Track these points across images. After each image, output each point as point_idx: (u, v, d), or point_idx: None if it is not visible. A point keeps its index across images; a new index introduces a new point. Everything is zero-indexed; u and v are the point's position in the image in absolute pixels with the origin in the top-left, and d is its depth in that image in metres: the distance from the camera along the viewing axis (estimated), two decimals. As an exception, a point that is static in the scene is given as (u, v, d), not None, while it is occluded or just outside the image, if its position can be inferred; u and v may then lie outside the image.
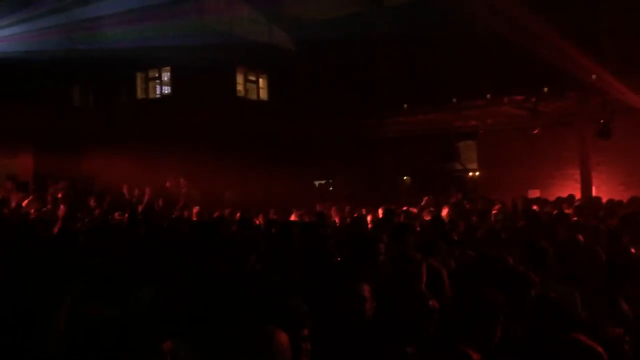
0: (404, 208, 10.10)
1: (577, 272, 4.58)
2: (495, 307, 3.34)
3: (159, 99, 18.01)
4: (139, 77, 18.35)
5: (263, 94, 19.46)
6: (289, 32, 18.24)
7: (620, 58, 12.60)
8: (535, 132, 14.27)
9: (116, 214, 9.42)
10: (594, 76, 12.56)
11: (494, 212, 9.47)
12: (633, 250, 5.71)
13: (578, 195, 12.90)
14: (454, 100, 14.30)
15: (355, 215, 9.69)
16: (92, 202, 10.68)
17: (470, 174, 18.41)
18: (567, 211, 9.25)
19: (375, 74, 17.24)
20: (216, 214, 9.83)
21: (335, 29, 15.75)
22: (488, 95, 14.09)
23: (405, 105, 15.21)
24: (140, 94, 18.36)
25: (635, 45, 12.61)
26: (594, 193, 13.32)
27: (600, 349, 2.57)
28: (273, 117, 16.47)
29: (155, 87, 18.41)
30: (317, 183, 18.05)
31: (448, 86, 14.51)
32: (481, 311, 3.41)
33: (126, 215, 9.00)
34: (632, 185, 13.87)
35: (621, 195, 12.20)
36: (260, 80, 19.40)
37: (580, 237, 5.89)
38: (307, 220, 9.00)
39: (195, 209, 10.19)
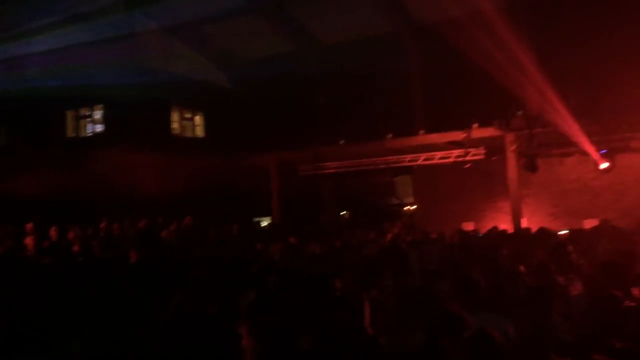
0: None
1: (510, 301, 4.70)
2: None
3: (90, 138, 17.56)
4: (69, 115, 17.88)
5: (199, 131, 19.31)
6: (225, 70, 18.28)
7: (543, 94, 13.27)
8: (467, 166, 14.77)
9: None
10: (519, 112, 13.22)
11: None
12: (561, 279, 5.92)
13: (509, 227, 13.36)
14: (389, 136, 14.67)
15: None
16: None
17: (407, 208, 18.76)
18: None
19: (312, 111, 17.48)
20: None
21: (272, 67, 15.94)
22: (421, 131, 14.54)
23: (341, 142, 15.47)
24: (70, 133, 17.84)
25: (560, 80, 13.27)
26: (524, 224, 13.81)
27: None
28: (210, 154, 16.34)
29: (86, 126, 17.96)
30: (256, 220, 17.87)
31: (383, 122, 14.87)
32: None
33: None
34: (559, 215, 14.51)
35: (550, 225, 12.73)
36: (196, 117, 19.27)
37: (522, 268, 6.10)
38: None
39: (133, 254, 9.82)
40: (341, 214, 19.40)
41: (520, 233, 11.63)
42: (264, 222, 17.96)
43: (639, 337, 3.79)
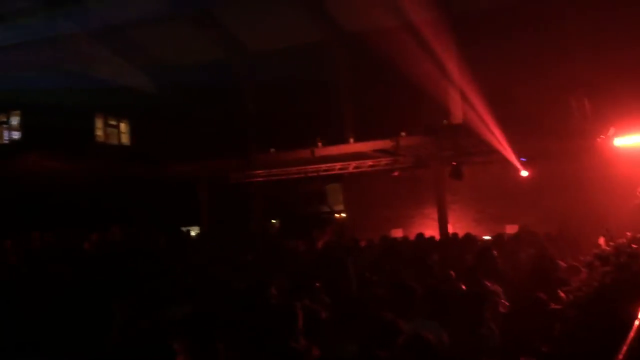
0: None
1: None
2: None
3: (7, 145, 16.65)
4: (-17, 121, 16.91)
5: (125, 139, 18.72)
6: (152, 77, 17.81)
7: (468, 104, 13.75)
8: (395, 174, 15.08)
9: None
10: (445, 121, 13.65)
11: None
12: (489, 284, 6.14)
13: (436, 233, 13.72)
14: (319, 144, 14.74)
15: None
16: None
17: (337, 215, 18.92)
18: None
19: (242, 119, 17.33)
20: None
21: (201, 74, 15.68)
22: (351, 140, 14.72)
23: (272, 150, 15.41)
24: (-17, 139, 16.88)
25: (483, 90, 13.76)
26: (450, 230, 14.22)
27: None
28: (135, 162, 15.87)
29: (2, 132, 17.02)
30: (184, 229, 17.48)
31: (313, 131, 14.92)
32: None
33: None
34: (483, 221, 15.06)
35: (474, 230, 13.18)
36: (122, 124, 18.67)
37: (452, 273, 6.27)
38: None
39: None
40: (272, 222, 19.32)
41: (448, 239, 11.97)
42: (193, 232, 17.63)
43: (565, 339, 3.96)
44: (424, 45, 13.85)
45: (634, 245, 4.69)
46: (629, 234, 7.53)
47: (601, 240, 8.81)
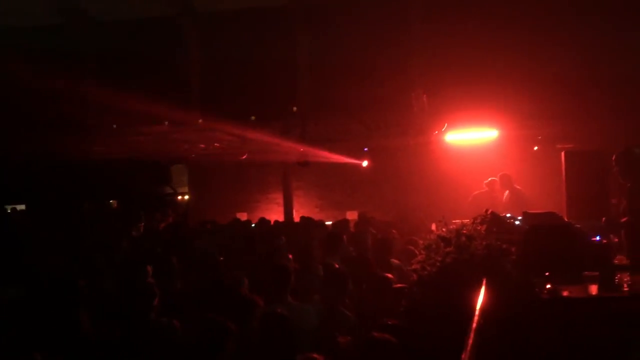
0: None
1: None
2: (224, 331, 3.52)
3: None
4: None
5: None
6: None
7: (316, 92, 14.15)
8: (244, 157, 15.08)
9: None
10: (294, 108, 13.93)
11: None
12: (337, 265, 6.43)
13: (281, 218, 14.00)
14: (165, 123, 14.23)
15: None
16: None
17: (181, 197, 18.46)
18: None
19: (81, 91, 16.11)
20: None
21: (38, 39, 14.33)
22: (200, 121, 14.40)
23: (114, 126, 14.58)
24: None
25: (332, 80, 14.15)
26: (294, 215, 14.60)
27: None
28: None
29: None
30: (8, 208, 15.95)
31: (159, 109, 14.34)
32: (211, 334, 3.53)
33: None
34: (325, 208, 15.65)
35: (317, 216, 13.67)
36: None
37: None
38: None
39: None
40: (110, 202, 18.31)
41: (294, 223, 12.29)
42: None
43: (410, 314, 4.29)
44: (274, 30, 14.00)
45: (464, 231, 5.17)
46: (456, 221, 8.28)
47: (433, 226, 9.62)
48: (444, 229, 5.19)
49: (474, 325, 2.71)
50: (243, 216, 15.37)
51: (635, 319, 4.06)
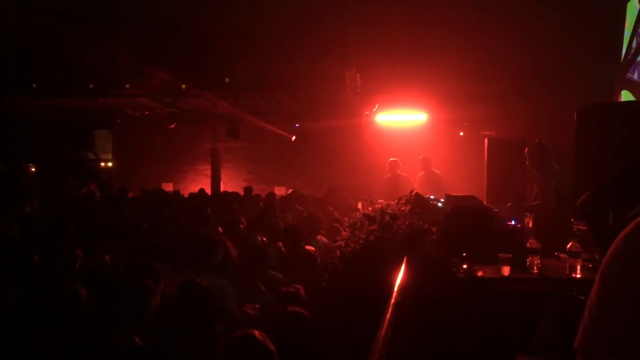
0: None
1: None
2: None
3: None
4: None
5: None
6: None
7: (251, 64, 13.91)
8: (172, 126, 14.71)
9: None
10: (227, 79, 13.65)
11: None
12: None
13: (209, 190, 13.81)
14: (91, 86, 13.64)
15: None
16: None
17: (103, 164, 17.82)
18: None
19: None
20: None
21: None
22: (127, 85, 13.88)
23: (34, 85, 13.81)
24: None
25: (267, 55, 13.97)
26: (222, 188, 14.43)
27: (271, 346, 2.79)
28: None
29: None
30: None
31: (84, 73, 13.72)
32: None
33: None
34: (254, 182, 15.54)
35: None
36: None
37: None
38: None
39: None
40: (26, 165, 17.39)
41: (223, 195, 12.16)
42: None
43: (331, 289, 4.37)
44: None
45: (389, 211, 5.29)
46: (381, 201, 8.45)
47: (359, 205, 9.78)
48: (369, 208, 5.29)
49: (392, 301, 2.77)
50: (169, 187, 15.08)
51: (543, 298, 4.32)
